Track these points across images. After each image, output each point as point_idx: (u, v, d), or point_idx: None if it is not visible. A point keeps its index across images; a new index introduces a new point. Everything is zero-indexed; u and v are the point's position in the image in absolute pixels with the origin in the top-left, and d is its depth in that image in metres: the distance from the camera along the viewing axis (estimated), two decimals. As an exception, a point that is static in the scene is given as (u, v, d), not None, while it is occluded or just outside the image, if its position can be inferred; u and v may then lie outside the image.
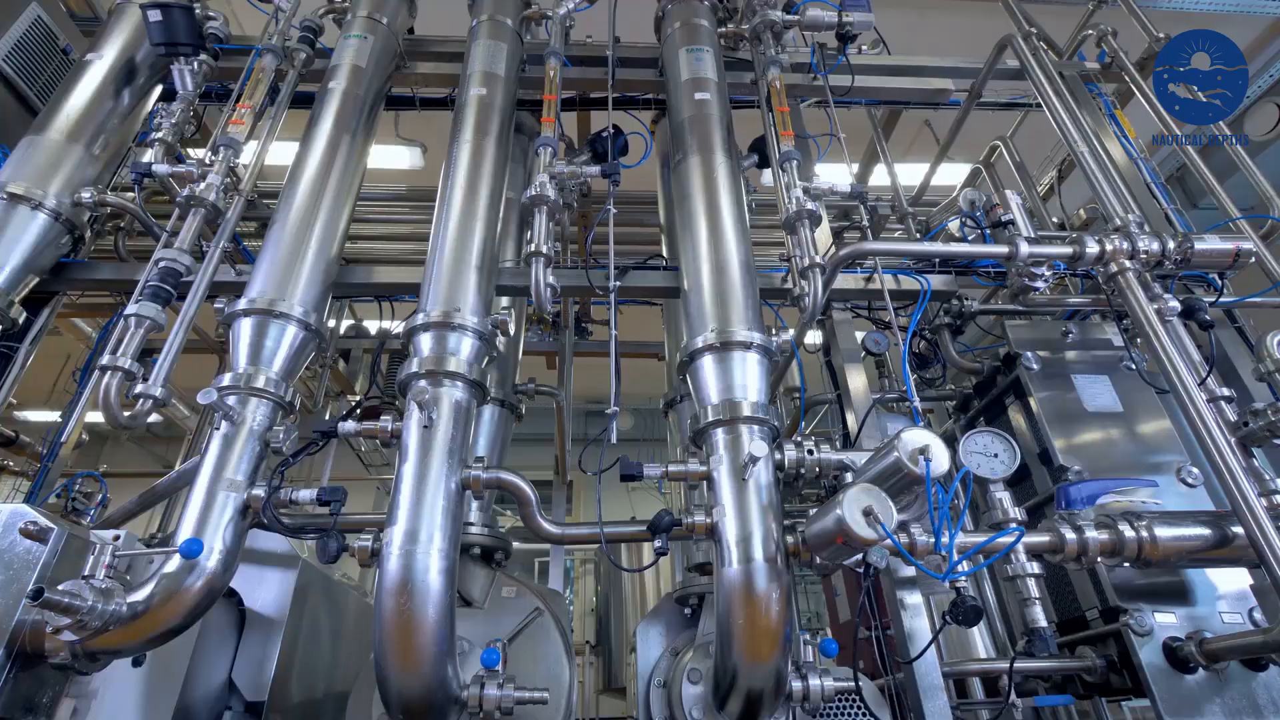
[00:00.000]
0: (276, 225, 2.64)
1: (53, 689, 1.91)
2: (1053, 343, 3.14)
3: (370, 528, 2.19)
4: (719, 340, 2.39)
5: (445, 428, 2.20)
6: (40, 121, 2.87)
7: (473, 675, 2.21)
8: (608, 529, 2.26)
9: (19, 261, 2.55)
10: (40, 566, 1.86)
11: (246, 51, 3.45)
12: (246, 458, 2.17)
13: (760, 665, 2.00)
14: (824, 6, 3.47)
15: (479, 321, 2.43)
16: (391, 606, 1.96)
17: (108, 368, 2.15)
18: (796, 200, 2.72)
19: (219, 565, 2.00)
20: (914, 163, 5.47)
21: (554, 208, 2.62)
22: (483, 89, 3.09)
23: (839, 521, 1.77)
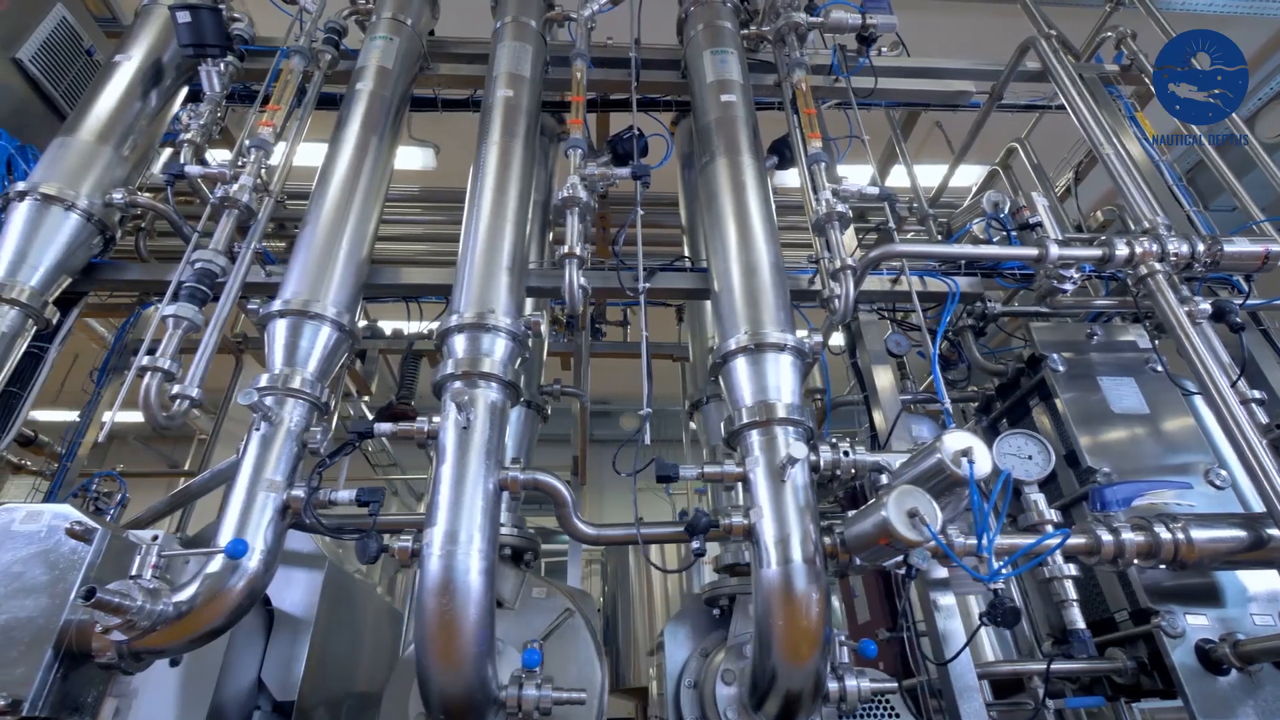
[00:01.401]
0: (308, 226, 2.64)
1: (97, 688, 1.92)
2: (1077, 344, 3.14)
3: (408, 528, 2.19)
4: (752, 342, 2.39)
5: (482, 429, 2.20)
6: (71, 123, 2.87)
7: (509, 675, 2.22)
8: (644, 530, 2.26)
9: (53, 262, 2.55)
10: (85, 567, 1.87)
11: (270, 53, 3.46)
12: (284, 458, 2.17)
13: (800, 666, 2.01)
14: (847, 9, 3.48)
15: (512, 322, 2.44)
16: (433, 607, 1.97)
17: (147, 368, 2.16)
18: (826, 202, 2.72)
19: (260, 566, 2.01)
20: (925, 164, 5.48)
21: (585, 209, 2.63)
22: (509, 90, 3.10)
23: (883, 522, 1.78)
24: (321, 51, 3.27)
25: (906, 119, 4.49)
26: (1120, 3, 4.50)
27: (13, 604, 1.81)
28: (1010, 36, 6.03)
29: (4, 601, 1.81)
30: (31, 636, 1.77)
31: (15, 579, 1.84)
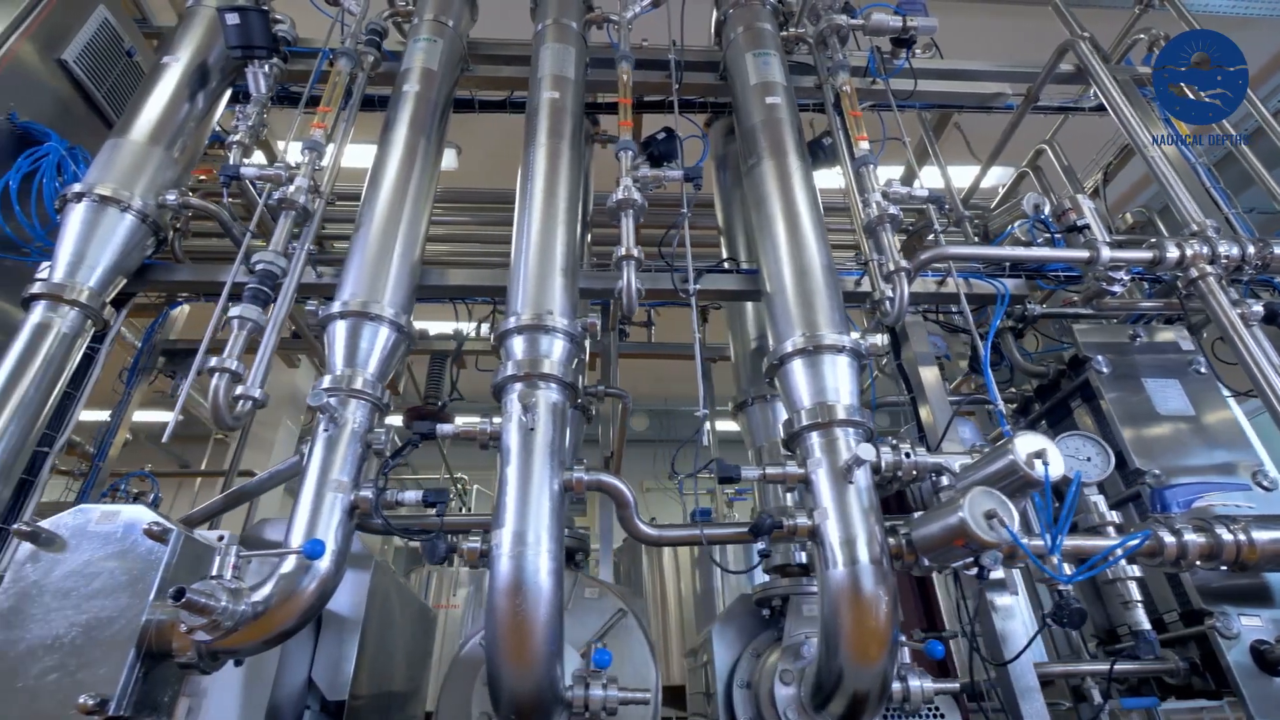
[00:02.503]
0: (362, 228, 2.65)
1: (172, 688, 1.93)
2: (1120, 346, 3.16)
3: (475, 529, 2.20)
4: (810, 344, 2.40)
5: (545, 430, 2.21)
6: (122, 124, 2.88)
7: (568, 676, 2.22)
8: (708, 531, 2.27)
9: (110, 263, 2.56)
10: (163, 567, 1.88)
11: (310, 54, 3.48)
12: (350, 459, 2.18)
13: (868, 667, 2.02)
14: (888, 11, 3.49)
15: (569, 323, 2.45)
16: (505, 607, 1.98)
17: (215, 369, 2.16)
18: (877, 204, 2.73)
19: (331, 566, 2.02)
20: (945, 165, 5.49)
21: (640, 211, 2.64)
22: (555, 92, 3.11)
23: (960, 523, 1.79)
24: (364, 53, 3.28)
25: (938, 121, 4.49)
26: (1150, 4, 4.51)
27: (94, 604, 1.82)
28: (1023, 37, 6.05)
29: (85, 601, 1.82)
30: (114, 636, 1.78)
31: (94, 579, 1.85)
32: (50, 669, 1.74)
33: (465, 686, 2.46)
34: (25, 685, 1.72)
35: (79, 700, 1.65)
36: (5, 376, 2.25)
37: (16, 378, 2.26)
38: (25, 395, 2.25)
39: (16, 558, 1.87)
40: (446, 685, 2.51)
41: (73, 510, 1.96)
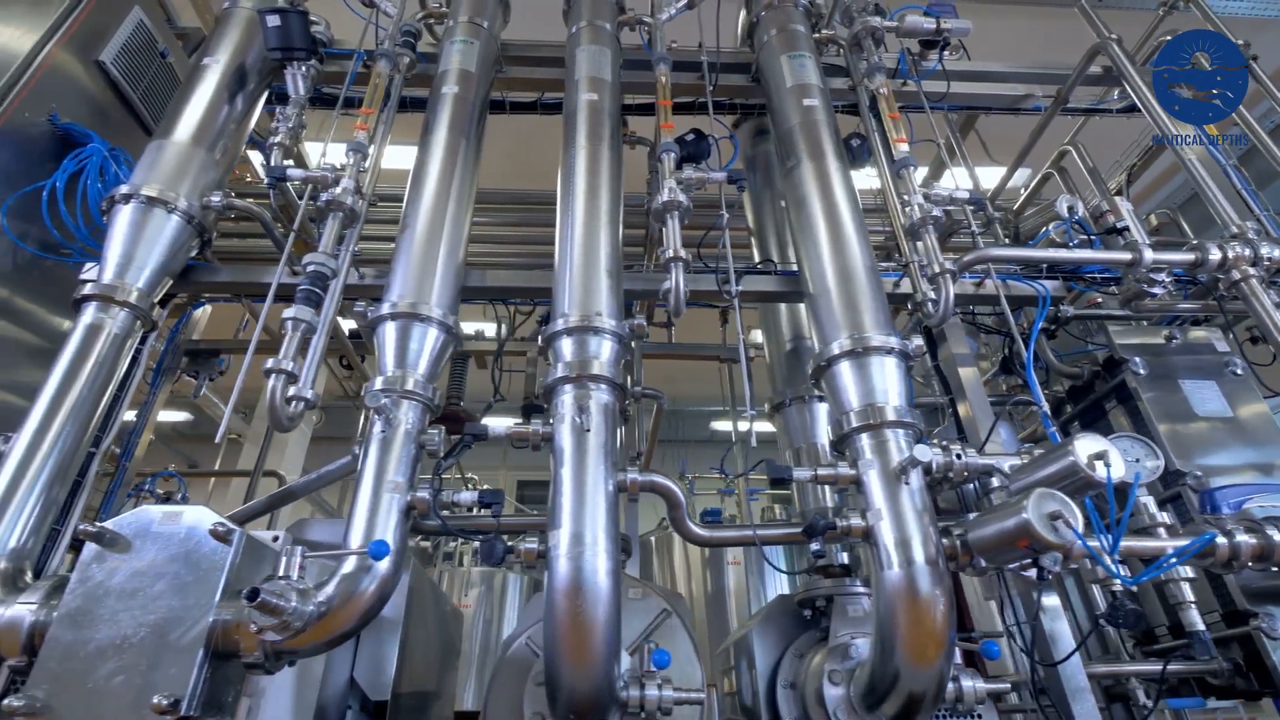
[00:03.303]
0: (407, 230, 2.66)
1: (235, 687, 1.93)
2: (1156, 347, 3.17)
3: (530, 530, 2.21)
4: (857, 346, 2.41)
5: (598, 431, 2.22)
6: (165, 125, 2.89)
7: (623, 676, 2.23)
8: (761, 531, 2.28)
9: (157, 264, 2.57)
10: (228, 567, 1.89)
11: (345, 56, 3.49)
12: (404, 460, 2.19)
13: (925, 668, 2.02)
14: (921, 14, 3.50)
15: (616, 324, 2.46)
16: (565, 608, 1.99)
17: (272, 370, 2.17)
18: (919, 207, 2.74)
19: (390, 567, 2.02)
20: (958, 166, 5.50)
21: (685, 212, 2.65)
22: (593, 94, 3.12)
23: (1024, 525, 1.80)
24: (400, 55, 3.29)
25: (964, 122, 4.50)
26: (1174, 6, 4.52)
27: (160, 604, 1.83)
28: (1038, 38, 6.04)
29: (152, 601, 1.83)
30: (183, 636, 1.79)
31: (160, 579, 1.86)
32: (120, 669, 1.75)
33: (515, 687, 2.47)
34: (95, 685, 1.73)
35: (153, 700, 1.66)
36: (60, 377, 2.26)
37: (71, 379, 2.26)
38: (79, 396, 2.25)
39: (82, 558, 1.88)
40: (494, 685, 2.52)
41: (134, 511, 1.98)
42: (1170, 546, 2.14)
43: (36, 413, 2.18)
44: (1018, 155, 4.61)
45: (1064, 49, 4.50)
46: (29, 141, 2.94)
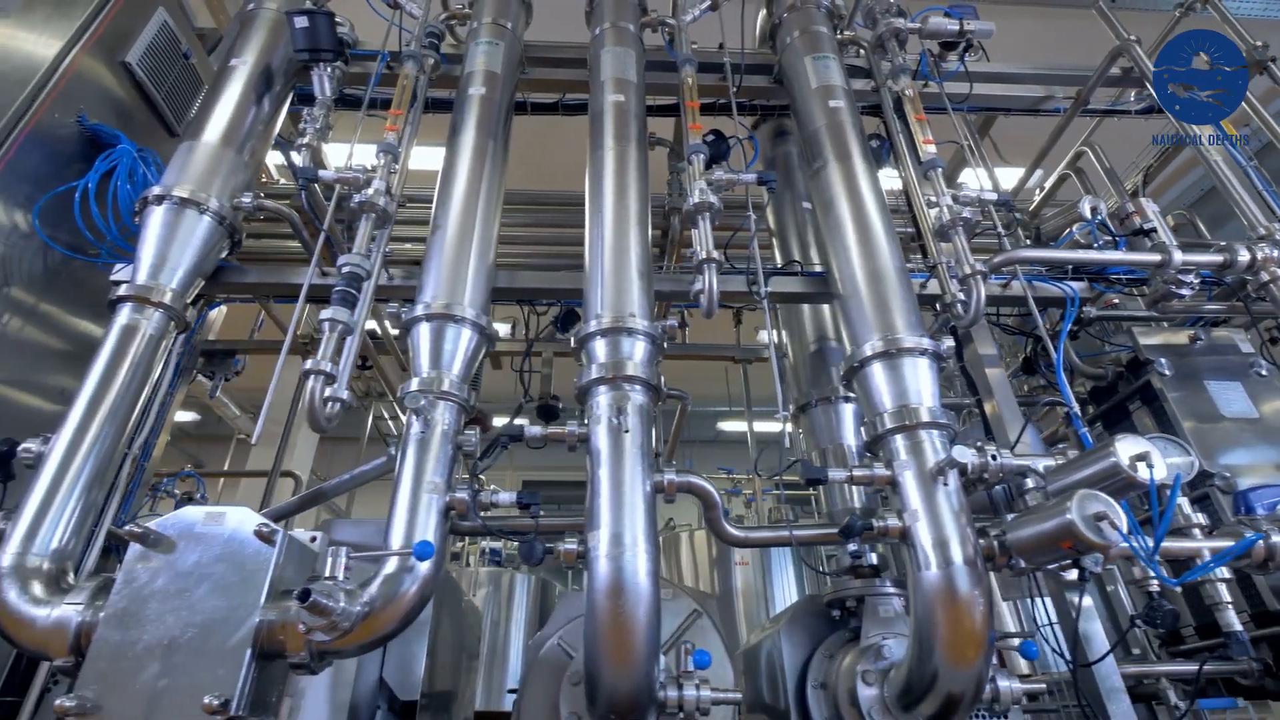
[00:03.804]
0: (438, 231, 2.67)
1: (278, 688, 1.94)
2: (1180, 348, 3.18)
3: (569, 530, 2.21)
4: (890, 347, 2.41)
5: (634, 432, 2.23)
6: (195, 126, 2.89)
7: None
8: (798, 532, 2.29)
9: (190, 264, 2.57)
10: (272, 568, 1.90)
11: (369, 57, 3.49)
12: (442, 460, 2.19)
13: (964, 669, 2.03)
14: (945, 15, 3.50)
15: (649, 325, 2.47)
16: (606, 608, 1.99)
17: (311, 371, 2.18)
18: (948, 208, 2.75)
19: (431, 569, 2.03)
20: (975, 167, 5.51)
21: (715, 214, 2.66)
22: (619, 95, 3.12)
23: (1068, 525, 1.81)
24: (425, 56, 3.30)
25: (981, 124, 4.51)
26: (1191, 8, 4.53)
27: (206, 604, 1.83)
28: (1046, 39, 6.03)
29: (198, 602, 1.83)
30: (229, 637, 1.79)
31: (205, 580, 1.87)
32: (168, 669, 1.76)
33: (548, 687, 2.47)
34: (144, 685, 1.74)
35: (204, 700, 1.66)
36: (97, 379, 2.26)
37: (108, 380, 2.27)
38: (117, 398, 2.26)
39: (127, 559, 1.89)
40: (527, 686, 2.52)
41: (178, 511, 1.98)
42: (1205, 547, 2.15)
43: (75, 414, 2.18)
44: (1036, 156, 4.62)
45: (1069, 50, 4.52)
46: (57, 143, 2.95)
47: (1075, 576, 1.93)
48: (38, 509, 2.02)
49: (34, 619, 1.85)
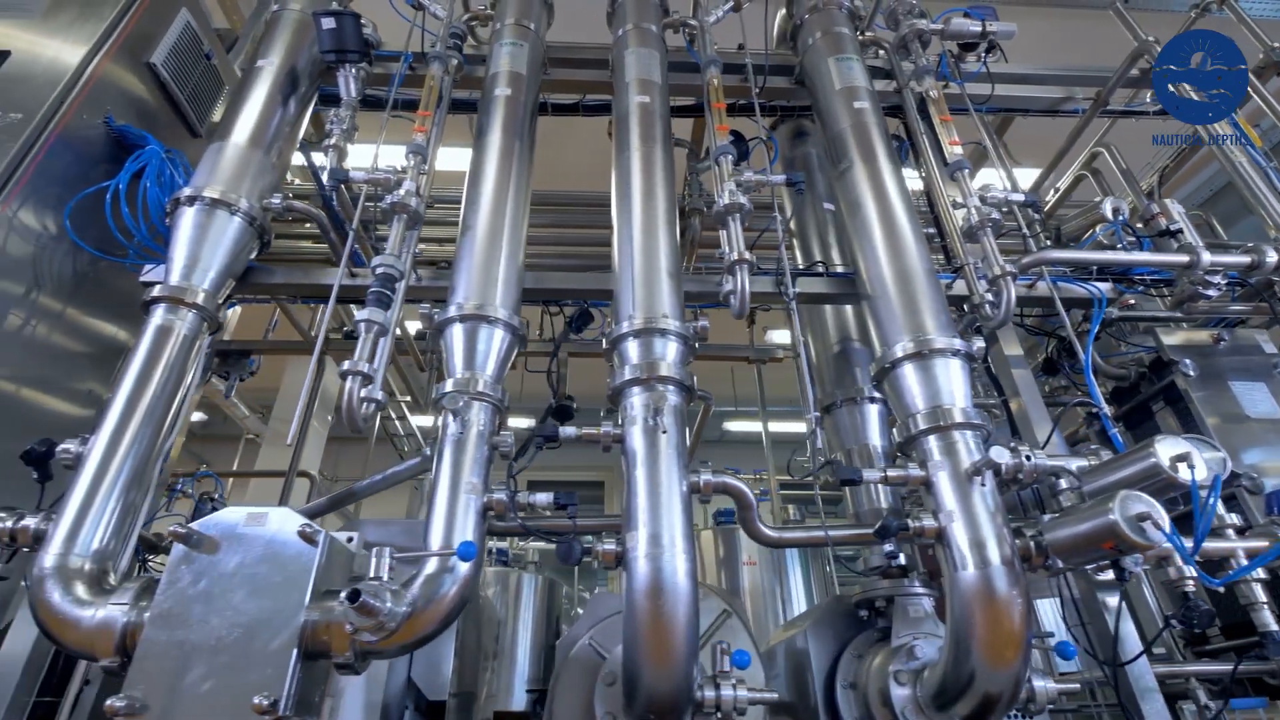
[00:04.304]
0: (469, 232, 2.67)
1: (320, 688, 1.94)
2: (1203, 349, 3.19)
3: (607, 531, 2.22)
4: (922, 348, 2.42)
5: (670, 432, 2.23)
6: (223, 127, 2.90)
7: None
8: (833, 531, 2.30)
9: (221, 265, 2.58)
10: (315, 569, 1.90)
11: (392, 58, 3.50)
12: (479, 461, 2.20)
13: (1002, 670, 2.03)
14: (965, 16, 3.51)
15: (680, 326, 2.47)
16: (646, 608, 2.00)
17: (349, 372, 2.18)
18: (976, 209, 2.75)
19: (471, 570, 2.03)
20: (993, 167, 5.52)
21: (746, 214, 2.66)
22: (645, 97, 3.13)
23: (1111, 526, 1.81)
24: (449, 57, 3.30)
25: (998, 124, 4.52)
26: (1206, 9, 4.54)
27: (251, 605, 1.83)
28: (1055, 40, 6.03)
29: (243, 602, 1.83)
30: (275, 637, 1.80)
31: (249, 580, 1.87)
32: (214, 669, 1.76)
33: (580, 687, 2.48)
34: (191, 685, 1.74)
35: (254, 701, 1.67)
36: (134, 379, 2.26)
37: (144, 381, 2.27)
38: (153, 398, 2.26)
39: (171, 559, 1.89)
40: (559, 686, 2.53)
41: (219, 512, 1.99)
42: (1240, 548, 2.16)
43: (113, 414, 2.19)
44: (1054, 157, 4.63)
45: (1072, 50, 4.53)
46: (84, 145, 2.95)
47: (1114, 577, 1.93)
48: (78, 509, 2.03)
49: (79, 619, 1.85)
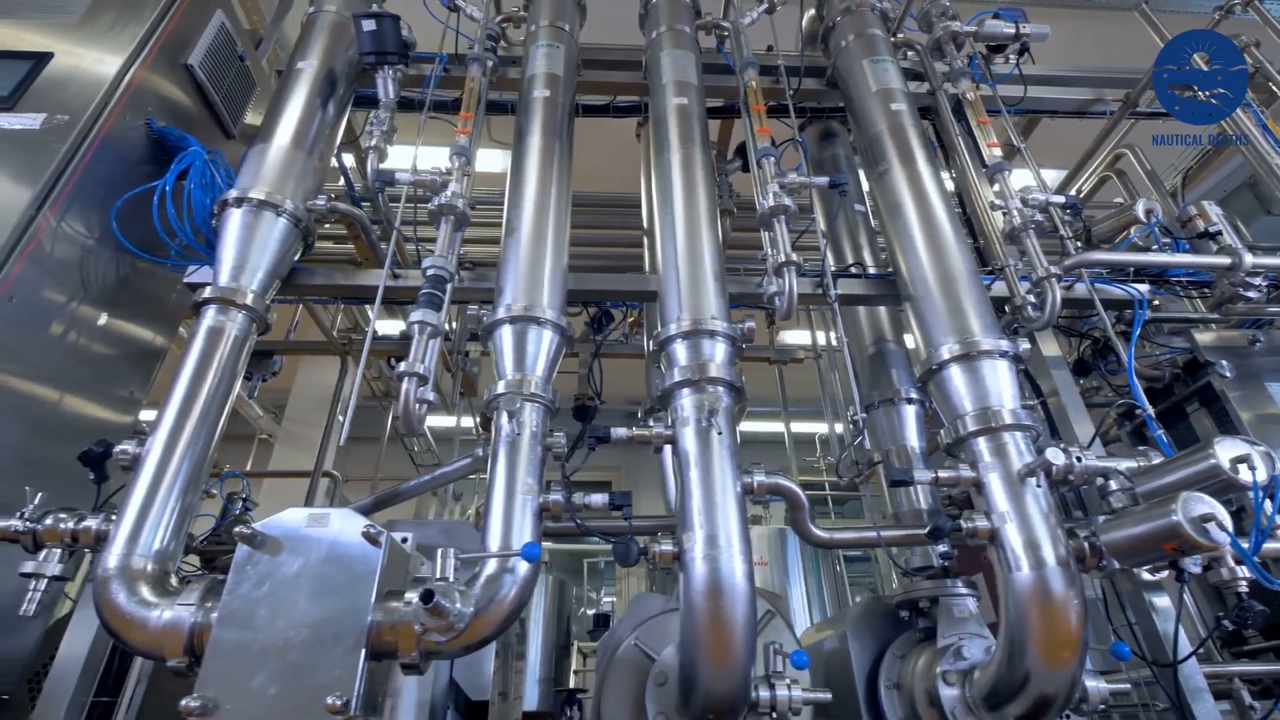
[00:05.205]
0: (514, 234, 2.68)
1: (381, 688, 1.95)
2: (1239, 350, 3.20)
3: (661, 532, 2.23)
4: (969, 350, 2.43)
5: (723, 433, 2.24)
6: (265, 130, 2.90)
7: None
8: (885, 533, 2.30)
9: (268, 266, 2.59)
10: (379, 570, 1.91)
11: (426, 59, 3.51)
12: (533, 462, 2.21)
13: (1058, 670, 2.04)
14: (995, 17, 3.53)
15: (728, 327, 2.48)
16: (704, 609, 2.01)
17: (406, 374, 2.19)
18: (1018, 211, 2.76)
19: (530, 571, 2.04)
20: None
21: (792, 216, 2.67)
22: (682, 98, 3.14)
23: (1174, 527, 1.82)
24: (486, 58, 3.31)
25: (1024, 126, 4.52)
26: (1230, 10, 4.55)
27: (317, 606, 1.84)
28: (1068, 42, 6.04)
29: (309, 603, 1.84)
30: (343, 638, 1.80)
31: (313, 581, 1.88)
32: (284, 669, 1.77)
33: (628, 687, 2.49)
34: (261, 685, 1.75)
35: (328, 701, 1.67)
36: (188, 380, 2.27)
37: (198, 381, 2.28)
38: (207, 399, 2.27)
39: (236, 560, 1.90)
40: (606, 687, 2.54)
41: (282, 513, 1.99)
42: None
43: (169, 415, 2.20)
44: (1081, 158, 4.64)
45: (1084, 52, 4.53)
46: (126, 147, 2.95)
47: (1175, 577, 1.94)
48: (139, 510, 2.03)
49: (146, 620, 1.86)
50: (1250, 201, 7.42)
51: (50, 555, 2.01)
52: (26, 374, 2.50)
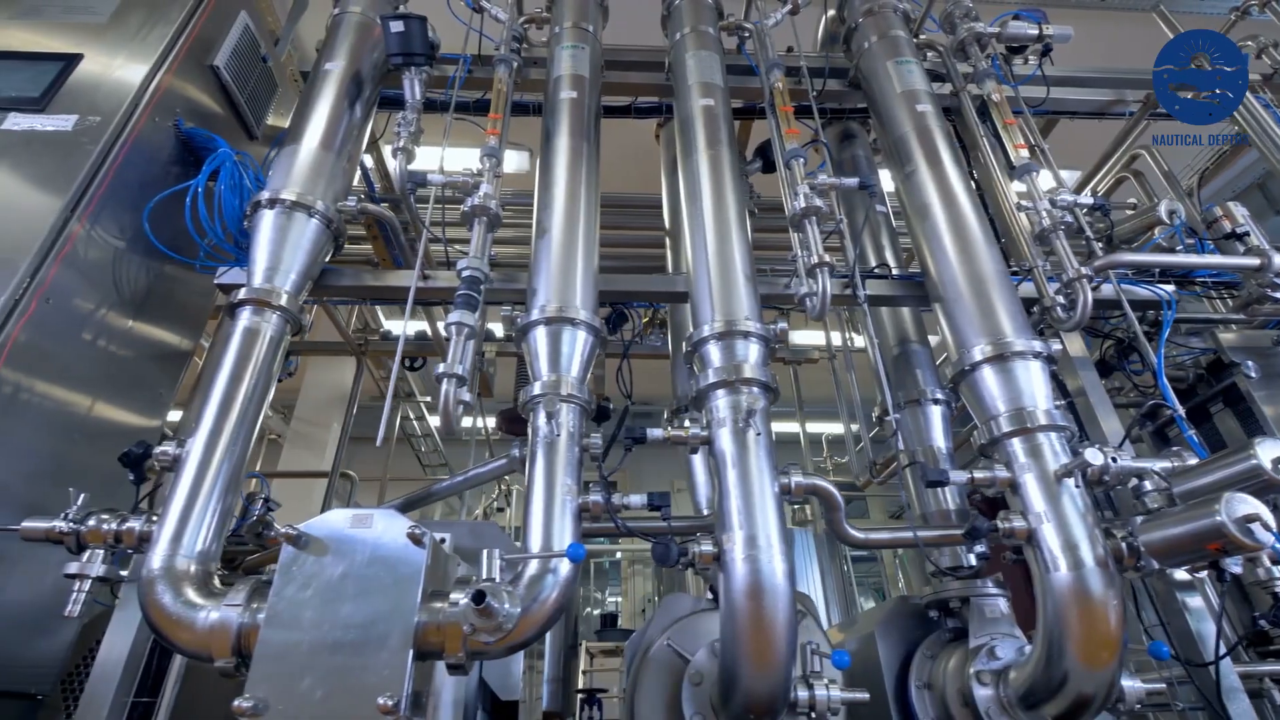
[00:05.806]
0: (545, 235, 2.69)
1: (426, 688, 1.96)
2: (1264, 350, 3.20)
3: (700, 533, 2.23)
4: (1002, 350, 2.44)
5: (759, 434, 2.25)
6: (294, 130, 2.91)
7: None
8: (923, 533, 2.31)
9: (301, 267, 2.59)
10: (424, 570, 1.91)
11: (449, 61, 3.52)
12: (570, 463, 2.21)
13: (1097, 670, 2.05)
14: (1016, 18, 3.53)
15: (761, 328, 2.49)
16: (745, 609, 2.02)
17: (445, 375, 2.19)
18: (1047, 213, 2.77)
19: (571, 572, 2.04)
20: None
21: (824, 216, 2.68)
22: (709, 99, 3.15)
23: (1217, 527, 1.83)
24: (512, 60, 3.32)
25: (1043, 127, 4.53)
26: (1247, 12, 4.56)
27: (364, 606, 1.85)
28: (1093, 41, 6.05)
29: (356, 604, 1.84)
30: (390, 638, 1.81)
31: (359, 582, 1.88)
32: (333, 670, 1.77)
33: (661, 688, 2.49)
34: (310, 685, 1.76)
35: (379, 701, 1.68)
36: (226, 381, 2.28)
37: (236, 382, 2.29)
38: (245, 400, 2.28)
39: (281, 561, 1.90)
40: (639, 687, 2.54)
41: (326, 514, 2.00)
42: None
43: (209, 416, 2.20)
44: (1100, 159, 4.64)
45: (1109, 54, 4.53)
46: (155, 148, 2.96)
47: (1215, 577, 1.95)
48: (181, 511, 2.04)
49: (193, 621, 1.87)
50: (1259, 201, 7.44)
51: (94, 556, 2.01)
52: (62, 378, 2.50)
